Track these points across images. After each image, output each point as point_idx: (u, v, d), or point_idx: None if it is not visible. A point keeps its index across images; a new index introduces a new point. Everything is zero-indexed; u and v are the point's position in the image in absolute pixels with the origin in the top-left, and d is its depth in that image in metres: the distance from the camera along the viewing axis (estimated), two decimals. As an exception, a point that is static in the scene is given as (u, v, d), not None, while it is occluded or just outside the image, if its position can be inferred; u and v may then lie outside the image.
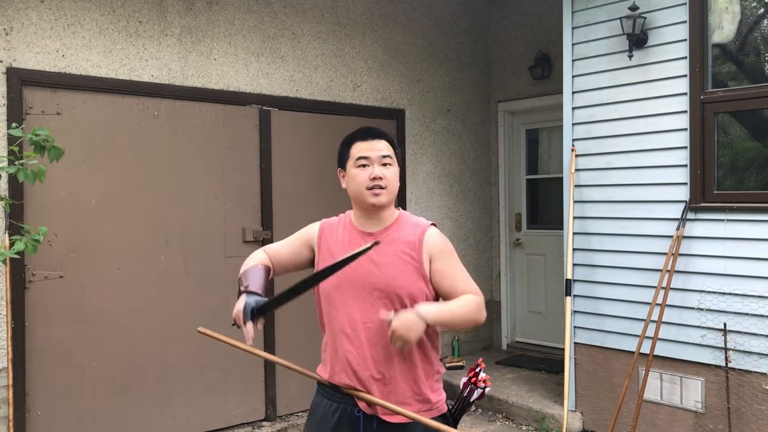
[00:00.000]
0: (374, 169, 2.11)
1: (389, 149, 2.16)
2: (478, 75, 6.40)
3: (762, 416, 3.74)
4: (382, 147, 2.15)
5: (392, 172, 2.15)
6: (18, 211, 3.76)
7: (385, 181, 2.11)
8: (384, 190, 2.11)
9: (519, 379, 5.41)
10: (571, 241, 4.53)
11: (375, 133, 2.18)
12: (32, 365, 3.86)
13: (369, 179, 2.10)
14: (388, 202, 2.15)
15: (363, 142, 2.15)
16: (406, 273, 2.09)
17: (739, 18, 4.01)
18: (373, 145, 2.14)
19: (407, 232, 2.15)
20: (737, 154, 4.07)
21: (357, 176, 2.12)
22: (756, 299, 3.75)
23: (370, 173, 2.10)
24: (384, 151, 2.14)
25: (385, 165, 2.13)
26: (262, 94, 4.82)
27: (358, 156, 2.13)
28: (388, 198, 2.13)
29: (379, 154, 2.13)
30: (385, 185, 2.11)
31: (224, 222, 4.61)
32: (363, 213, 2.18)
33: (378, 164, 2.12)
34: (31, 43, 3.87)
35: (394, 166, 2.17)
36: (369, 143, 2.14)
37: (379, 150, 2.14)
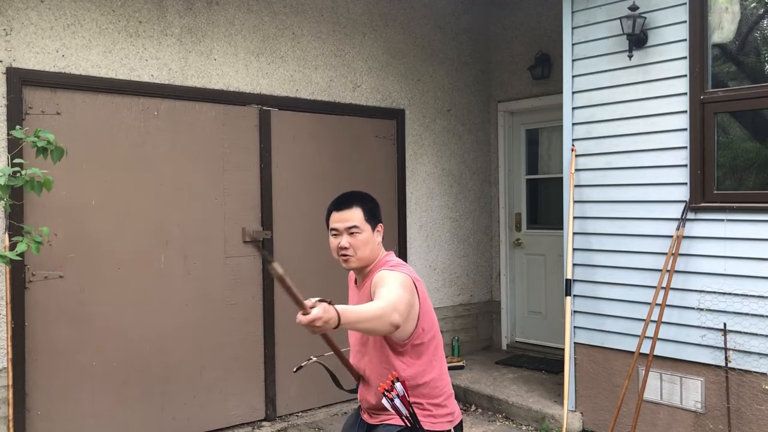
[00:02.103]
0: (342, 240, 2.39)
1: (359, 217, 2.39)
2: (478, 75, 6.41)
3: (762, 416, 3.74)
4: (351, 218, 2.39)
5: (360, 240, 2.39)
6: (18, 211, 3.76)
7: (351, 250, 2.38)
8: (352, 257, 2.39)
9: (519, 379, 5.41)
10: (571, 241, 4.53)
11: (346, 203, 2.43)
12: (32, 365, 3.86)
13: (338, 247, 2.40)
14: (360, 265, 2.42)
15: (336, 212, 2.42)
16: None
17: (739, 18, 4.01)
18: (341, 216, 2.40)
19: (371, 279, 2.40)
20: (737, 154, 4.07)
21: (331, 243, 2.44)
22: (756, 299, 3.75)
23: (339, 242, 2.40)
24: (350, 222, 2.39)
25: (352, 234, 2.38)
26: (262, 94, 4.82)
27: (331, 227, 2.44)
28: (358, 263, 2.41)
29: (346, 226, 2.39)
30: (352, 253, 2.39)
31: (224, 222, 4.61)
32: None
33: (346, 234, 2.39)
34: (31, 43, 3.87)
35: (363, 233, 2.40)
36: (339, 215, 2.41)
37: (347, 221, 2.39)
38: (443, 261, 6.06)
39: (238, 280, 4.66)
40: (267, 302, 4.79)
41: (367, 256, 2.42)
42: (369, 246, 2.41)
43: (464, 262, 6.26)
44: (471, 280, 6.32)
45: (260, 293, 4.77)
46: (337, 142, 5.22)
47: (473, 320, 6.34)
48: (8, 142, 3.75)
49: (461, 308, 6.20)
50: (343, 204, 2.43)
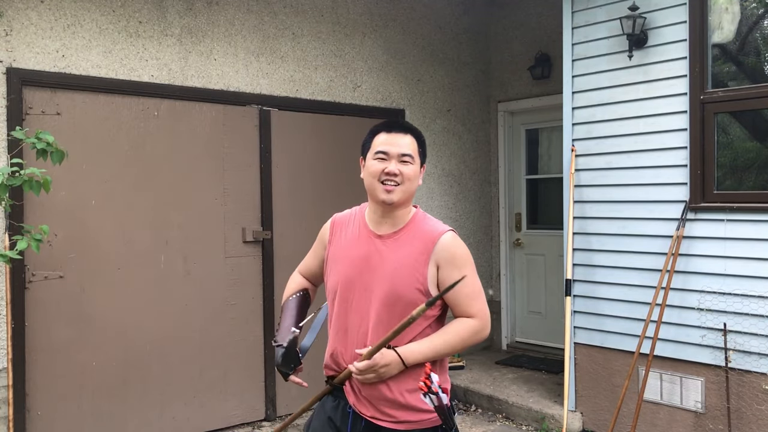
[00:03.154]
0: (390, 165, 2.04)
1: (412, 147, 2.09)
2: (478, 75, 6.40)
3: (762, 416, 3.74)
4: (404, 143, 2.08)
5: (410, 170, 2.07)
6: (18, 211, 3.76)
7: (400, 177, 2.04)
8: (397, 188, 2.03)
9: (519, 379, 5.41)
10: (571, 241, 4.53)
11: (400, 127, 2.12)
12: (32, 365, 3.86)
13: (383, 173, 2.04)
14: (401, 201, 2.06)
15: (386, 134, 2.09)
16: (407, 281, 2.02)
17: (739, 18, 4.01)
18: (394, 140, 2.07)
19: (419, 238, 2.06)
20: (737, 154, 4.07)
21: (371, 167, 2.07)
22: (756, 299, 3.75)
23: (385, 167, 2.04)
24: (405, 148, 2.06)
25: (404, 162, 2.06)
26: (262, 94, 4.82)
27: (377, 149, 2.07)
28: (401, 197, 2.05)
29: (399, 151, 2.06)
30: (400, 182, 2.04)
31: (224, 222, 4.61)
32: (376, 209, 2.11)
33: (396, 160, 2.05)
34: (31, 44, 3.87)
35: (414, 164, 2.08)
36: (392, 137, 2.08)
37: (400, 146, 2.06)
38: (443, 261, 6.05)
39: (238, 280, 4.66)
40: (267, 302, 4.79)
41: (410, 195, 2.09)
42: (415, 182, 2.09)
43: (464, 262, 6.25)
44: (471, 280, 6.31)
45: (260, 293, 4.77)
46: (337, 142, 5.22)
47: (473, 320, 6.32)
48: (8, 143, 3.75)
49: (461, 308, 6.19)
50: (398, 127, 2.12)
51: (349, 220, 2.20)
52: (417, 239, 2.05)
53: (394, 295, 2.01)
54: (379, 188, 2.03)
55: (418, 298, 2.00)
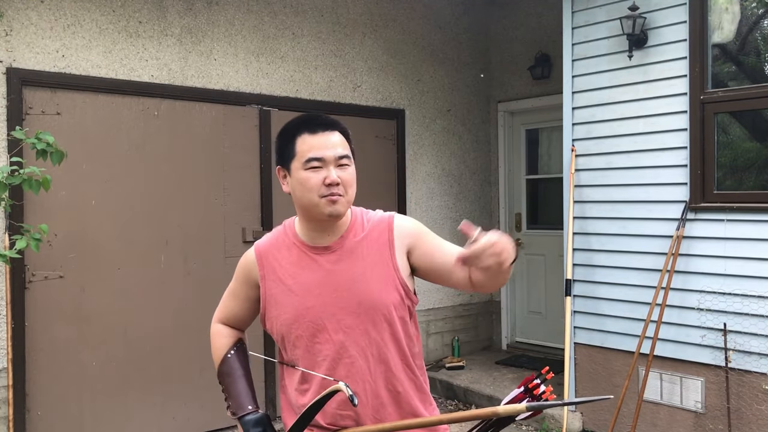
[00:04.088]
0: (330, 173, 1.67)
1: (345, 145, 1.73)
2: (478, 75, 6.40)
3: (762, 416, 3.74)
4: (338, 143, 1.71)
5: (350, 174, 1.71)
6: (18, 211, 3.76)
7: (342, 187, 1.68)
8: (342, 198, 1.68)
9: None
10: (571, 241, 4.53)
11: (326, 123, 1.73)
12: (32, 365, 3.86)
13: (323, 185, 1.66)
14: (345, 212, 1.73)
15: (313, 136, 1.69)
16: (381, 283, 1.72)
17: (739, 18, 4.01)
18: (326, 141, 1.69)
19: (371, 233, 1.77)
20: (737, 154, 4.07)
21: (308, 181, 1.67)
22: (756, 299, 3.75)
23: (325, 177, 1.66)
24: (340, 149, 1.70)
25: (342, 166, 1.70)
26: (262, 94, 4.82)
27: (309, 156, 1.67)
28: (346, 207, 1.71)
29: (335, 154, 1.68)
30: (344, 192, 1.68)
31: (224, 222, 4.61)
32: (314, 225, 1.75)
33: (334, 166, 1.68)
34: (31, 44, 3.87)
35: (352, 166, 1.73)
36: (321, 138, 1.69)
37: (335, 147, 1.69)
38: (443, 261, 6.05)
39: (238, 280, 4.66)
40: (267, 302, 4.78)
41: (352, 200, 1.75)
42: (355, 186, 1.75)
43: (464, 262, 6.25)
44: (471, 280, 6.31)
45: (260, 293, 4.77)
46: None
47: (473, 320, 6.33)
48: (8, 143, 3.75)
49: (461, 308, 6.20)
50: (320, 125, 1.72)
51: (278, 245, 1.82)
52: (370, 235, 1.76)
53: (372, 304, 1.71)
54: (322, 203, 1.67)
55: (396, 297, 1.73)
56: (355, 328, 1.71)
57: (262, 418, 1.76)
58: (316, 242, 1.76)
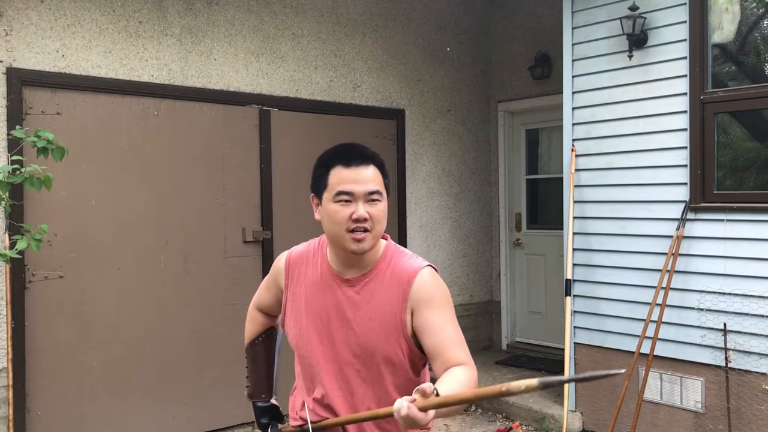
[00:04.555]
0: (358, 208, 1.68)
1: (378, 180, 1.72)
2: (478, 75, 6.40)
3: (762, 416, 3.74)
4: (370, 178, 1.70)
5: (381, 209, 1.71)
6: (18, 211, 3.76)
7: (370, 222, 1.68)
8: (368, 234, 1.69)
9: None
10: (571, 241, 4.53)
11: (362, 157, 1.72)
12: (32, 365, 3.86)
13: (350, 220, 1.67)
14: (372, 248, 1.73)
15: (346, 169, 1.70)
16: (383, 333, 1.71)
17: (739, 18, 4.01)
18: (359, 176, 1.69)
19: (394, 279, 1.74)
20: (737, 154, 4.07)
21: (336, 214, 1.69)
22: (756, 299, 3.75)
23: (353, 212, 1.67)
24: (372, 185, 1.70)
25: (373, 202, 1.70)
26: (262, 94, 4.82)
27: (339, 190, 1.69)
28: (372, 243, 1.72)
29: (366, 189, 1.69)
30: (371, 227, 1.68)
31: (224, 222, 4.61)
32: (340, 254, 1.77)
33: (363, 201, 1.69)
34: (31, 43, 3.87)
35: (383, 201, 1.72)
36: (354, 172, 1.69)
37: (366, 183, 1.69)
38: (443, 261, 6.06)
39: (238, 280, 4.66)
40: (267, 302, 4.79)
41: (380, 235, 1.76)
42: (385, 221, 1.74)
43: (464, 262, 6.26)
44: (471, 280, 6.32)
45: (260, 293, 4.77)
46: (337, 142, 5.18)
47: (473, 320, 6.33)
48: (8, 143, 3.75)
49: (461, 308, 6.20)
50: (359, 156, 1.72)
51: (307, 259, 1.86)
52: (392, 281, 1.73)
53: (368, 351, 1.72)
54: (347, 238, 1.68)
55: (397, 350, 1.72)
56: (350, 366, 1.75)
57: (270, 408, 1.91)
58: (340, 271, 1.79)
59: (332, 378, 1.77)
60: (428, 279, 1.74)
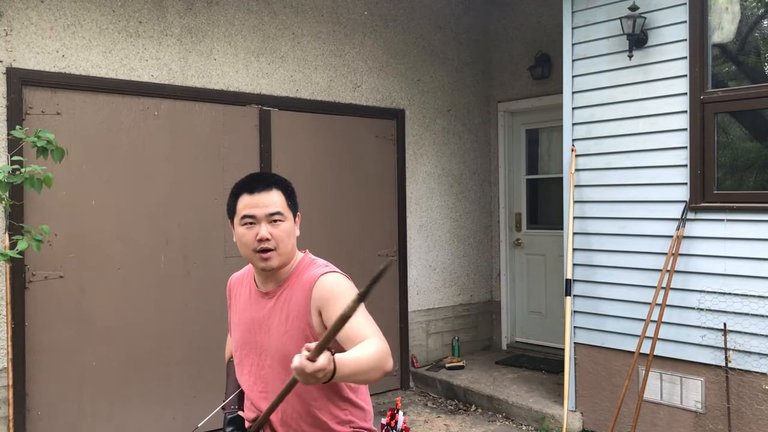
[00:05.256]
0: (261, 229, 1.88)
1: (281, 203, 1.92)
2: (478, 75, 6.41)
3: (762, 416, 3.74)
4: (272, 202, 1.90)
5: (283, 229, 1.90)
6: (18, 211, 3.76)
7: (273, 242, 1.88)
8: (273, 252, 1.89)
9: (519, 379, 5.41)
10: (571, 241, 4.53)
11: (264, 183, 1.93)
12: (32, 365, 3.86)
13: (255, 240, 1.88)
14: (281, 265, 1.92)
15: (249, 195, 1.91)
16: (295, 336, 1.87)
17: (739, 18, 4.01)
18: (259, 200, 1.90)
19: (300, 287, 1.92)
20: (737, 154, 4.07)
21: (243, 236, 1.91)
22: (756, 299, 3.75)
23: (257, 233, 1.88)
24: (272, 208, 1.90)
25: (274, 223, 1.90)
26: (262, 94, 4.82)
27: (243, 214, 1.91)
28: (280, 260, 1.91)
29: (266, 212, 1.89)
30: (274, 246, 1.88)
31: (224, 222, 4.61)
32: (258, 272, 1.99)
33: (266, 222, 1.89)
34: (31, 43, 3.87)
35: (286, 221, 1.92)
36: (256, 198, 1.90)
37: (266, 206, 1.89)
38: (443, 261, 6.06)
39: (238, 280, 4.66)
40: (267, 302, 4.79)
41: (289, 252, 1.94)
42: (292, 239, 1.94)
43: (464, 262, 6.26)
44: (471, 280, 6.32)
45: (260, 293, 4.77)
46: (337, 142, 5.22)
47: (473, 320, 6.34)
48: (8, 143, 3.75)
49: (461, 308, 6.20)
50: (259, 185, 1.92)
51: (242, 280, 2.11)
52: (300, 289, 1.91)
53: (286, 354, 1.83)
54: (256, 257, 1.90)
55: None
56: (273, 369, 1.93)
57: (236, 419, 2.01)
58: (263, 286, 2.00)
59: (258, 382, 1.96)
60: (329, 279, 1.88)
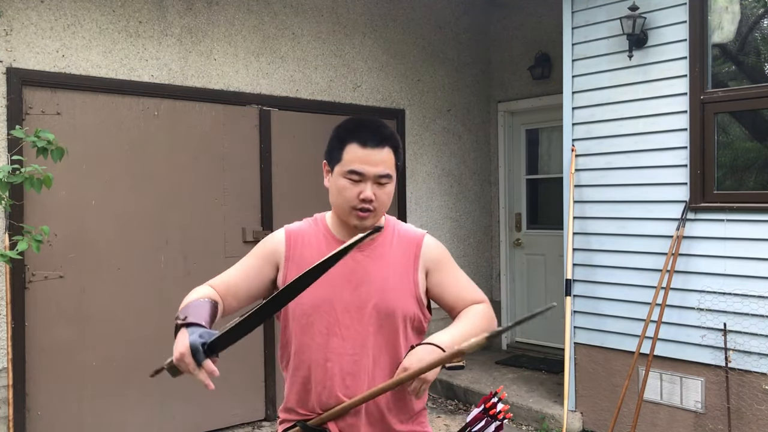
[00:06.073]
0: (366, 189, 1.72)
1: (390, 162, 1.76)
2: (478, 75, 6.41)
3: (762, 416, 3.74)
4: (383, 160, 1.74)
5: (387, 192, 1.76)
6: (18, 211, 3.76)
7: (375, 203, 1.73)
8: (371, 213, 1.74)
9: (519, 379, 5.41)
10: (571, 241, 4.53)
11: (378, 138, 1.74)
12: (32, 365, 3.86)
13: (357, 198, 1.72)
14: (374, 224, 1.79)
15: (361, 148, 1.73)
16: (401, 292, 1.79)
17: (739, 18, 4.01)
18: (371, 157, 1.72)
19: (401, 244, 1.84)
20: (737, 154, 4.07)
21: (344, 191, 1.74)
22: (756, 299, 3.75)
23: (360, 191, 1.72)
24: (383, 168, 1.73)
25: (382, 185, 1.74)
26: (262, 94, 4.82)
27: (350, 168, 1.72)
28: (375, 220, 1.78)
29: (376, 172, 1.72)
30: (375, 207, 1.74)
31: (224, 222, 4.61)
32: (344, 225, 1.83)
33: (372, 182, 1.73)
34: (31, 43, 3.87)
35: (392, 183, 1.77)
36: (367, 153, 1.72)
37: (377, 165, 1.72)
38: (443, 261, 6.05)
39: (238, 280, 4.66)
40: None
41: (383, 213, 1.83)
42: (390, 201, 1.80)
43: (464, 262, 6.26)
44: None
45: (260, 293, 4.77)
46: (337, 142, 5.21)
47: (473, 320, 6.32)
48: (8, 142, 3.75)
49: (461, 308, 6.19)
50: (374, 138, 1.74)
51: (309, 234, 1.85)
52: (399, 245, 1.83)
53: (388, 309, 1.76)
54: (352, 214, 1.75)
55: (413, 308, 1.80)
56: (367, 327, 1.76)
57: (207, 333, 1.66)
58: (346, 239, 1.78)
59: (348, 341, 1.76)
60: (434, 242, 1.89)
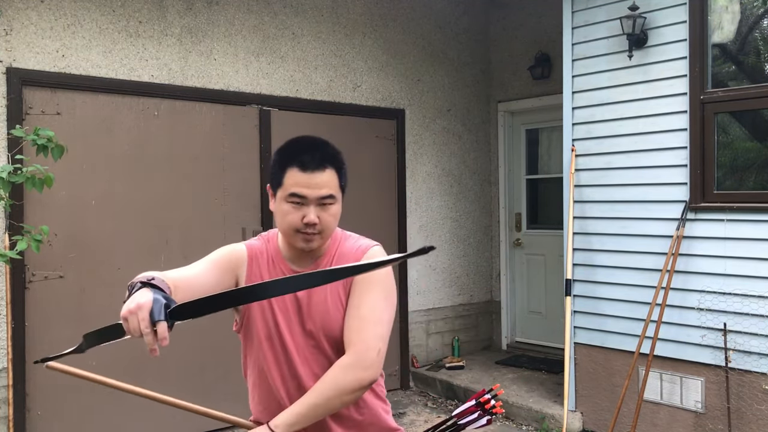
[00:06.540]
0: (310, 212, 1.68)
1: (333, 184, 1.73)
2: (478, 75, 6.40)
3: (762, 416, 3.74)
4: (325, 182, 1.70)
5: (332, 214, 1.73)
6: (18, 211, 3.76)
7: (320, 226, 1.70)
8: (317, 236, 1.71)
9: (519, 379, 5.41)
10: (571, 241, 4.53)
11: (318, 161, 1.72)
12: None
13: (301, 222, 1.68)
14: (321, 245, 1.76)
15: (302, 173, 1.69)
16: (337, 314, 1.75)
17: (739, 18, 4.01)
18: (312, 180, 1.68)
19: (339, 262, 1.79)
20: (737, 154, 4.07)
21: (287, 215, 1.70)
22: (756, 299, 3.75)
23: (304, 215, 1.68)
24: (326, 191, 1.70)
25: (325, 206, 1.71)
26: (262, 94, 4.82)
27: (291, 191, 1.68)
28: (322, 242, 1.75)
29: (318, 195, 1.69)
30: (320, 230, 1.70)
31: (224, 222, 4.61)
32: (292, 248, 1.79)
33: (315, 205, 1.69)
34: (31, 43, 3.87)
35: (336, 204, 1.74)
36: (309, 177, 1.68)
37: (320, 188, 1.69)
38: (443, 261, 6.06)
39: (238, 280, 4.66)
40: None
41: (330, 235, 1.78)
42: (337, 221, 1.77)
43: (464, 262, 6.26)
44: (471, 280, 6.32)
45: (260, 293, 4.77)
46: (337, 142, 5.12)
47: (473, 320, 6.33)
48: (8, 142, 3.75)
49: (461, 308, 6.20)
50: (313, 161, 1.71)
51: (262, 253, 1.83)
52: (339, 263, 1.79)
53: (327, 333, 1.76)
54: (297, 238, 1.71)
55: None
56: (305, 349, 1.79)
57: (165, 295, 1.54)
58: (294, 263, 1.80)
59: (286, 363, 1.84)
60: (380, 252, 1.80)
